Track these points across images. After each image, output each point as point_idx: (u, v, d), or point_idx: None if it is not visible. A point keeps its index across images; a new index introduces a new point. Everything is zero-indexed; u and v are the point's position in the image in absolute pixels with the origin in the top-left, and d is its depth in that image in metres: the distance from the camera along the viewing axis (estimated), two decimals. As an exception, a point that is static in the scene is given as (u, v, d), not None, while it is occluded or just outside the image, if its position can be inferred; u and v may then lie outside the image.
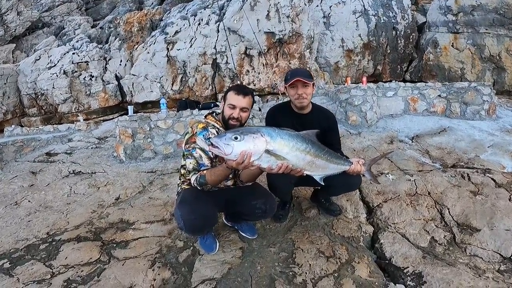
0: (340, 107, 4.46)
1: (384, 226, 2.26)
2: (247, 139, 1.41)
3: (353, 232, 2.21)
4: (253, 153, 1.42)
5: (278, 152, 1.47)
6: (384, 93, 4.47)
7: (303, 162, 1.57)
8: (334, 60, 7.56)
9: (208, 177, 1.73)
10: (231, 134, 1.43)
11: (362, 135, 4.03)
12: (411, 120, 4.30)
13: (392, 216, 2.37)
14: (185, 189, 1.92)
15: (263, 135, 1.44)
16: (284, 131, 1.53)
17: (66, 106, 7.21)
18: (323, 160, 1.67)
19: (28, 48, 8.53)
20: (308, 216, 2.43)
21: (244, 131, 1.45)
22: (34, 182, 3.58)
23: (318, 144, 1.68)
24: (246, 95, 1.86)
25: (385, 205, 2.51)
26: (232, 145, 1.40)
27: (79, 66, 7.13)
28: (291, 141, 1.51)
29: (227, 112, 1.85)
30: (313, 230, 2.25)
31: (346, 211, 2.46)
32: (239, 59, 6.71)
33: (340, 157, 1.83)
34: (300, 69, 2.44)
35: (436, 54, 7.16)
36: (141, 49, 7.18)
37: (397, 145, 3.62)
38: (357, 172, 1.86)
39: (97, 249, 2.12)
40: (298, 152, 1.53)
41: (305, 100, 2.04)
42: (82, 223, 2.50)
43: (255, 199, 1.97)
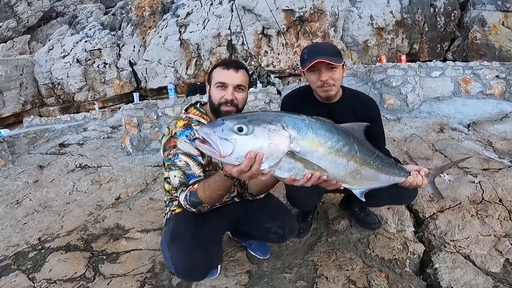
0: (373, 89, 3.84)
1: (440, 245, 1.73)
2: (260, 132, 0.87)
3: (397, 252, 1.70)
4: (268, 156, 0.88)
5: (309, 155, 0.94)
6: (428, 73, 3.82)
7: (344, 172, 1.03)
8: (362, 39, 6.95)
9: (202, 193, 1.20)
10: (232, 122, 0.87)
11: (402, 121, 3.39)
12: (464, 103, 3.58)
13: (451, 231, 1.81)
14: (176, 214, 1.40)
15: (286, 126, 0.91)
16: (318, 122, 0.99)
17: (82, 95, 7.18)
18: (372, 169, 1.12)
19: (44, 39, 8.53)
20: (336, 229, 1.92)
21: (255, 118, 0.90)
22: (39, 178, 3.55)
23: (366, 145, 1.14)
24: (238, 68, 1.33)
25: (442, 216, 1.93)
26: (233, 141, 0.86)
27: (92, 54, 6.98)
28: (330, 138, 0.97)
29: (215, 95, 1.31)
30: (342, 250, 1.75)
31: (386, 223, 1.92)
32: (256, 39, 6.20)
33: (394, 165, 1.26)
34: (322, 44, 1.69)
35: (484, 33, 6.66)
36: (153, 33, 6.87)
37: (450, 134, 2.95)
38: (416, 186, 1.30)
39: (84, 262, 1.94)
40: (339, 157, 1.00)
41: (332, 88, 1.46)
42: (76, 228, 2.37)
43: (269, 220, 1.47)
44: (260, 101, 3.57)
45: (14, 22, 8.30)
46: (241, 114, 0.97)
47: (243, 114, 0.97)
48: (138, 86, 7.20)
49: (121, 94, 7.19)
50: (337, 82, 1.46)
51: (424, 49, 7.31)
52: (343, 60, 1.45)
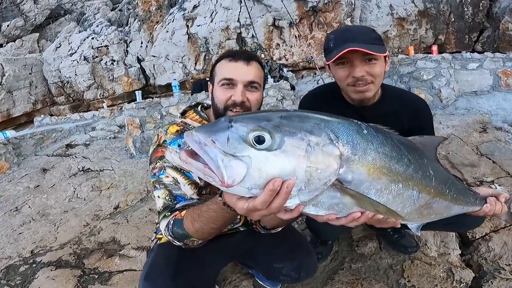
0: (400, 83, 3.46)
1: (493, 270, 1.45)
2: (293, 146, 0.54)
3: (439, 282, 1.41)
4: (302, 187, 0.56)
5: (365, 186, 0.61)
6: (463, 65, 3.44)
7: (412, 208, 0.71)
8: (382, 30, 6.61)
9: (189, 224, 0.88)
10: (247, 126, 0.54)
11: (436, 119, 3.02)
12: (505, 98, 3.17)
13: (507, 254, 1.52)
14: (161, 244, 1.12)
15: (336, 139, 0.58)
16: (381, 132, 0.67)
17: (91, 93, 7.09)
18: (446, 201, 0.81)
19: (53, 36, 8.49)
20: (362, 252, 1.61)
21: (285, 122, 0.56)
22: (41, 183, 3.54)
23: (441, 168, 0.81)
24: (249, 60, 1.01)
25: (496, 236, 1.62)
26: (246, 160, 0.52)
27: (99, 51, 6.82)
28: (399, 159, 0.66)
29: (220, 96, 1.00)
30: (369, 279, 1.45)
31: (426, 245, 1.60)
32: (266, 31, 5.88)
33: (469, 191, 0.94)
34: (355, 27, 1.19)
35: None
36: (160, 28, 6.64)
37: (495, 134, 2.55)
38: (493, 216, 0.99)
39: (74, 281, 1.82)
40: (408, 187, 0.68)
41: (369, 88, 1.07)
42: (70, 241, 2.30)
43: (281, 260, 1.14)
44: (271, 98, 3.23)
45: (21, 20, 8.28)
46: (260, 113, 0.60)
47: (264, 114, 0.59)
48: (147, 83, 7.04)
49: (130, 92, 7.03)
50: (377, 79, 1.07)
51: (451, 40, 6.92)
52: (386, 49, 1.07)
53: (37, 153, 4.85)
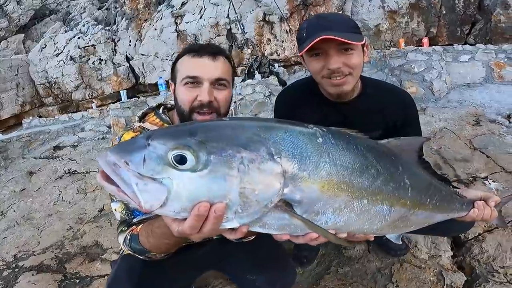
0: (391, 76, 3.41)
1: (486, 273, 1.38)
2: (222, 166, 0.46)
3: (429, 286, 1.35)
4: (238, 210, 0.48)
5: (318, 207, 0.53)
6: (455, 58, 3.41)
7: (383, 223, 0.62)
8: (373, 23, 6.57)
9: (144, 239, 0.80)
10: (166, 145, 0.46)
11: (428, 112, 2.97)
12: (499, 90, 3.12)
13: (501, 255, 1.45)
14: (125, 256, 1.02)
15: (278, 153, 0.49)
16: (341, 139, 0.58)
17: (79, 93, 6.97)
18: (426, 211, 0.72)
19: (39, 37, 8.33)
20: (349, 255, 1.55)
21: (214, 136, 0.49)
22: (26, 186, 3.55)
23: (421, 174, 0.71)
24: (215, 55, 0.91)
25: (490, 237, 1.54)
26: (166, 183, 0.45)
27: (86, 51, 6.69)
28: (362, 171, 0.57)
29: (184, 97, 0.89)
30: (356, 284, 1.39)
31: (416, 247, 1.53)
32: (257, 27, 5.79)
33: (454, 196, 0.85)
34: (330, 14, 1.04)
35: (508, 15, 6.18)
36: (148, 26, 6.52)
37: (488, 127, 2.49)
38: (482, 221, 0.92)
39: (54, 285, 1.83)
40: (376, 203, 0.59)
41: (347, 80, 0.98)
42: (52, 245, 2.29)
43: (255, 272, 1.05)
44: (259, 94, 3.14)
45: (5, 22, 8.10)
46: (184, 127, 0.53)
47: (189, 127, 0.52)
48: (137, 82, 6.96)
49: (119, 91, 6.92)
50: (355, 70, 0.98)
51: (443, 33, 6.93)
52: (363, 38, 0.97)
53: (24, 155, 4.79)
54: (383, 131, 1.09)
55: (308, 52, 0.96)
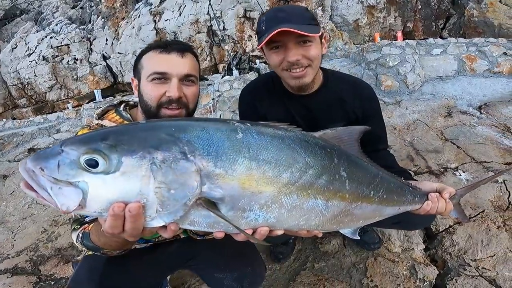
0: (368, 70, 3.44)
1: (458, 266, 1.38)
2: (133, 167, 0.48)
3: (402, 281, 1.34)
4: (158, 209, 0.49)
5: (243, 203, 0.53)
6: (428, 51, 3.47)
7: (321, 219, 0.61)
8: (353, 18, 6.64)
9: (95, 237, 0.78)
10: (78, 150, 0.47)
11: (402, 104, 3.01)
12: (470, 83, 3.20)
13: (472, 247, 1.45)
14: (86, 256, 0.99)
15: (192, 152, 0.50)
16: (265, 134, 0.56)
17: (54, 94, 6.74)
18: (372, 204, 0.69)
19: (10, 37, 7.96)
20: (325, 250, 1.54)
21: (126, 139, 0.49)
22: (0, 190, 3.43)
23: (364, 167, 0.69)
24: (184, 51, 0.89)
25: (460, 229, 1.54)
26: (81, 186, 0.47)
27: (60, 50, 6.47)
28: (287, 166, 0.55)
29: (151, 93, 0.86)
30: (332, 280, 1.38)
31: (389, 240, 1.53)
32: (238, 23, 5.75)
33: (406, 188, 0.82)
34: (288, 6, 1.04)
35: (480, 10, 6.42)
36: (125, 24, 6.36)
37: (460, 118, 2.55)
38: (436, 214, 0.87)
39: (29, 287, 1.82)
40: (308, 196, 0.57)
41: (306, 72, 0.97)
42: (26, 248, 2.27)
43: (222, 270, 1.03)
44: (236, 90, 3.13)
45: None
46: (97, 132, 0.53)
47: (101, 132, 0.53)
48: (116, 81, 6.81)
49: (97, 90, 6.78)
50: (314, 62, 0.96)
51: (419, 27, 7.13)
52: (320, 29, 0.95)
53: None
54: (347, 123, 1.08)
55: (268, 45, 0.93)
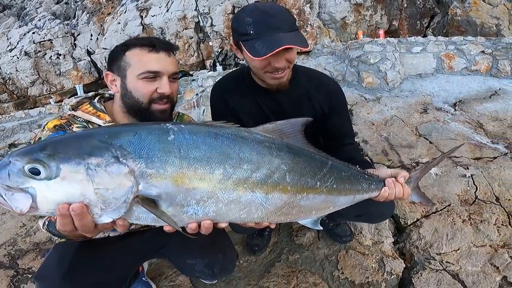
0: (350, 67, 3.49)
1: (423, 260, 1.41)
2: (71, 172, 0.55)
3: (371, 274, 1.38)
4: (102, 207, 0.56)
5: (180, 199, 0.58)
6: (408, 49, 3.53)
7: (264, 211, 0.65)
8: (340, 16, 6.69)
9: (60, 226, 0.79)
10: (22, 161, 0.55)
11: (382, 101, 3.05)
12: (447, 80, 3.27)
13: (438, 241, 1.48)
14: (57, 245, 1.02)
15: (124, 156, 0.56)
16: (197, 134, 0.61)
17: (36, 89, 6.62)
18: (320, 195, 0.72)
19: (-8, 32, 7.70)
20: (300, 243, 1.57)
21: (62, 148, 0.56)
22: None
23: (308, 157, 0.71)
24: (170, 50, 0.95)
25: (427, 222, 1.58)
26: (31, 191, 0.55)
27: (42, 45, 6.34)
28: (219, 162, 0.60)
29: (143, 90, 0.91)
30: (305, 271, 1.42)
31: (361, 233, 1.57)
32: (226, 20, 5.72)
33: (360, 176, 0.83)
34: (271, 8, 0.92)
35: (464, 9, 6.48)
36: (111, 20, 6.25)
37: (435, 114, 2.61)
38: (396, 199, 0.89)
39: (7, 281, 1.84)
40: (245, 190, 0.61)
41: (286, 73, 1.01)
42: (4, 243, 2.26)
43: (193, 255, 1.07)
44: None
45: None
46: (38, 144, 0.58)
47: (43, 143, 0.59)
48: (100, 76, 6.72)
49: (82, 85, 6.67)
50: (292, 63, 1.00)
51: (404, 25, 7.23)
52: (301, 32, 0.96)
53: None
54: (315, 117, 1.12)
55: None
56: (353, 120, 2.76)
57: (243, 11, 0.98)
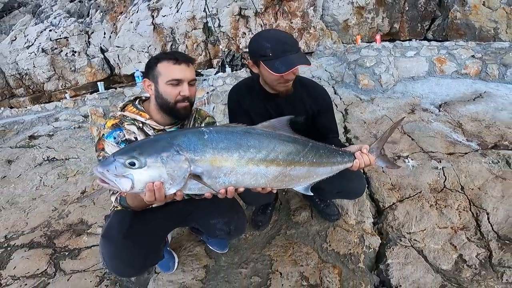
0: (348, 69, 3.75)
1: (396, 238, 1.64)
2: (153, 163, 0.86)
3: (353, 247, 1.62)
4: (170, 183, 0.88)
5: (214, 174, 0.90)
6: (403, 53, 3.73)
7: (266, 179, 0.97)
8: (342, 18, 6.85)
9: (130, 201, 1.18)
10: (123, 158, 0.85)
11: (375, 102, 3.29)
12: (438, 83, 3.49)
13: (408, 222, 1.72)
14: (116, 211, 1.33)
15: (181, 150, 0.87)
16: (221, 133, 0.93)
17: (51, 84, 6.93)
18: (304, 167, 1.04)
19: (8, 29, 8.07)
20: (296, 221, 1.84)
21: (146, 148, 0.87)
22: (7, 173, 3.56)
23: (293, 142, 1.03)
24: (189, 62, 1.24)
25: (401, 206, 1.83)
26: (130, 176, 0.85)
27: (59, 43, 6.64)
28: (236, 149, 0.92)
29: (170, 93, 1.21)
30: (299, 243, 1.68)
31: (347, 213, 1.80)
32: (233, 21, 5.99)
33: (335, 152, 1.15)
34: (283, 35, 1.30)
35: (464, 12, 6.66)
36: (123, 19, 6.55)
37: (420, 115, 2.85)
38: (366, 166, 1.20)
39: (46, 258, 1.98)
40: (253, 166, 0.94)
41: (291, 82, 1.35)
42: (40, 225, 2.40)
43: (215, 216, 1.40)
44: (228, 86, 3.44)
45: None
46: (131, 146, 0.92)
47: (133, 146, 0.91)
48: (112, 73, 7.02)
49: (94, 82, 6.96)
50: (296, 75, 1.34)
51: (405, 28, 7.37)
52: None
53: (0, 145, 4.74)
54: (307, 116, 1.45)
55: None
56: (347, 119, 3.02)
57: (259, 37, 1.30)
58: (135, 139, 1.20)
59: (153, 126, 1.24)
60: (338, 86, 3.87)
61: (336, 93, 3.71)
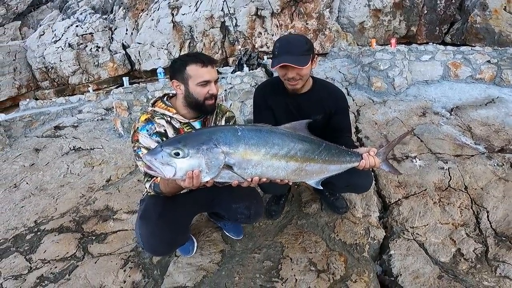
0: (362, 72, 3.83)
1: (399, 231, 1.75)
2: (194, 154, 0.99)
3: (358, 237, 1.73)
4: (207, 171, 1.01)
5: (244, 165, 1.05)
6: (418, 57, 3.76)
7: (285, 172, 1.12)
8: (358, 20, 6.86)
9: (163, 187, 1.34)
10: (169, 148, 0.98)
11: (387, 104, 3.36)
12: (451, 87, 3.53)
13: (412, 217, 1.83)
14: (150, 196, 1.51)
15: (218, 143, 1.01)
16: (251, 131, 1.07)
17: (76, 78, 7.23)
18: (317, 164, 1.19)
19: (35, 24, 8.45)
20: (307, 212, 1.97)
21: (189, 141, 1.01)
22: (35, 161, 3.68)
23: (310, 141, 1.17)
24: (213, 64, 1.40)
25: (406, 202, 1.94)
26: (173, 165, 0.99)
27: (84, 38, 6.95)
28: (263, 145, 1.06)
29: (200, 92, 1.37)
30: (309, 233, 1.81)
31: (354, 207, 1.93)
32: (249, 21, 6.12)
33: (345, 152, 1.29)
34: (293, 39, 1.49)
35: (484, 16, 6.56)
36: (145, 16, 6.79)
37: (431, 118, 2.92)
38: (370, 167, 1.34)
39: (75, 242, 2.07)
40: (276, 160, 1.09)
41: (298, 83, 1.47)
42: (68, 210, 2.50)
43: (237, 201, 1.57)
44: (246, 84, 3.58)
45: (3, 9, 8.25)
46: (176, 138, 1.06)
47: (178, 138, 1.06)
48: (132, 68, 7.26)
49: (115, 76, 7.24)
50: (304, 77, 1.46)
51: (422, 31, 7.25)
52: (309, 58, 1.42)
53: (26, 134, 4.91)
54: (324, 115, 1.59)
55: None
56: (359, 120, 3.11)
57: (278, 39, 1.50)
58: (164, 132, 1.36)
59: (179, 120, 1.40)
60: (351, 88, 3.96)
61: (349, 94, 3.79)
